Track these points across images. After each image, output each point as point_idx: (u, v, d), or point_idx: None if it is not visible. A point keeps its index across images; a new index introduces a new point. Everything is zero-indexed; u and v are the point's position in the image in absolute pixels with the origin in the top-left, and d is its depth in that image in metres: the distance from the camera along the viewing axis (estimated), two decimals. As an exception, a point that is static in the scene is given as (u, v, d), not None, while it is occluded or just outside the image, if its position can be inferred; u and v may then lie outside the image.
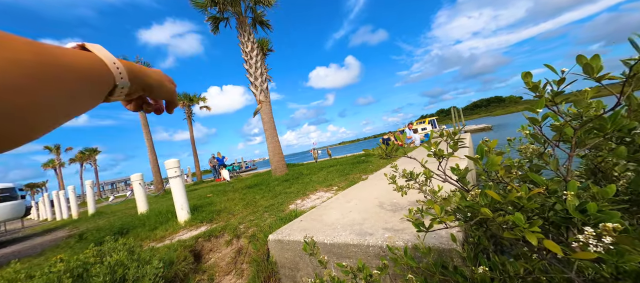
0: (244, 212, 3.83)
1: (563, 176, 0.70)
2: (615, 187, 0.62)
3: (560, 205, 0.68)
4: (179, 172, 3.81)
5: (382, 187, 3.43)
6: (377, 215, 2.31)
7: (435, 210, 0.79)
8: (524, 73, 0.67)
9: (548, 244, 0.56)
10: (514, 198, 0.63)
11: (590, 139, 0.67)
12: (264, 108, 8.10)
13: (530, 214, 0.70)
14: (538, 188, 0.67)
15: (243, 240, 2.95)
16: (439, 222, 0.77)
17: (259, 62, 8.26)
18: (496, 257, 0.94)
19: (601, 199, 0.64)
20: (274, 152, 8.12)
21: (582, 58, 0.58)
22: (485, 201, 0.73)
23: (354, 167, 6.49)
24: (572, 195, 0.62)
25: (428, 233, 1.62)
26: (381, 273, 1.17)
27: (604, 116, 0.62)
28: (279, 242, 2.26)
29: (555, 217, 0.71)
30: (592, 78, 0.58)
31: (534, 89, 0.68)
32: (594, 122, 0.64)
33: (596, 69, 0.58)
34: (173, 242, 3.05)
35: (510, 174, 0.77)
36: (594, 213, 0.60)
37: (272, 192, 5.09)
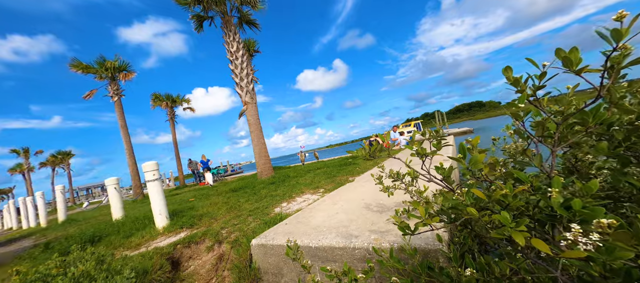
0: (227, 217, 3.69)
1: (547, 172, 0.69)
2: (598, 182, 0.61)
3: (545, 202, 0.66)
4: (157, 175, 3.61)
5: (369, 188, 3.41)
6: (363, 216, 2.28)
7: (419, 212, 0.75)
8: (504, 68, 0.66)
9: (536, 243, 0.54)
10: (500, 197, 0.60)
11: (572, 133, 0.66)
12: (249, 109, 7.93)
13: (515, 212, 0.68)
14: (523, 185, 0.65)
15: (225, 246, 2.82)
16: (424, 224, 0.74)
17: (245, 63, 8.10)
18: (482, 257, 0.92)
19: (585, 195, 0.63)
20: (260, 155, 7.96)
21: (561, 51, 0.56)
22: (471, 200, 0.71)
23: (341, 169, 6.47)
24: (556, 192, 0.60)
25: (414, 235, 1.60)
26: (366, 276, 1.12)
27: (586, 110, 0.61)
28: (262, 247, 2.17)
29: (540, 214, 0.69)
30: (572, 71, 0.56)
31: (516, 84, 0.66)
32: (576, 116, 0.63)
33: (575, 62, 0.56)
34: (149, 249, 2.87)
35: (494, 172, 0.75)
36: (579, 209, 0.58)
37: (257, 195, 4.96)
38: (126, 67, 11.72)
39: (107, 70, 11.13)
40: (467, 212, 0.64)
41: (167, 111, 16.54)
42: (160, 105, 16.31)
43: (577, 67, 0.60)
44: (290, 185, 5.34)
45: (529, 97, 0.67)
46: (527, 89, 0.71)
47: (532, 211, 0.70)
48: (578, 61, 0.59)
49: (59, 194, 7.49)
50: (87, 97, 12.02)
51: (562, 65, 0.61)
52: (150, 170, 3.55)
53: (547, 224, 0.68)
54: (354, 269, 1.51)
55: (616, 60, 0.58)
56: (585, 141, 0.83)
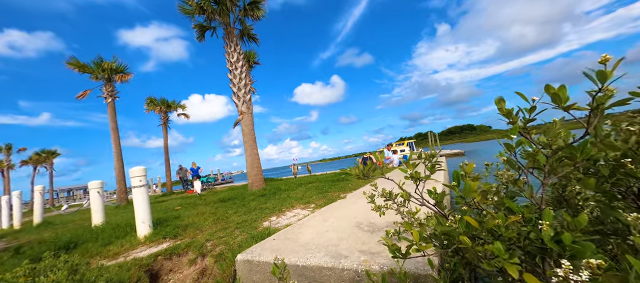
0: (214, 228, 3.57)
1: (537, 204, 0.69)
2: (586, 217, 0.62)
3: (536, 234, 0.66)
4: (144, 182, 3.50)
5: (361, 206, 3.38)
6: (354, 235, 2.23)
7: (413, 236, 0.74)
8: (497, 98, 0.68)
9: (528, 278, 0.53)
10: (492, 226, 0.60)
11: (561, 167, 0.67)
12: (245, 119, 7.91)
13: (507, 243, 0.68)
14: (514, 216, 0.65)
15: (209, 260, 2.71)
16: (417, 249, 0.73)
17: (244, 74, 8.17)
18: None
19: (575, 229, 0.63)
20: (252, 166, 7.86)
21: (550, 88, 0.58)
22: (464, 228, 0.70)
23: (333, 184, 6.42)
24: (547, 225, 0.60)
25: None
26: (354, 301, 1.09)
27: (574, 145, 0.63)
28: (247, 263, 2.09)
29: (531, 246, 0.69)
30: (561, 107, 0.58)
31: (508, 115, 0.68)
32: (564, 150, 0.64)
33: (564, 99, 0.58)
34: (127, 259, 2.73)
35: (486, 200, 0.75)
36: (570, 244, 0.58)
37: (246, 207, 4.84)
38: (123, 69, 11.65)
39: (104, 71, 11.03)
40: (460, 240, 0.64)
41: (161, 116, 16.34)
42: (154, 109, 16.13)
43: (565, 103, 0.62)
44: (280, 199, 5.25)
45: (520, 129, 0.69)
46: (518, 121, 0.73)
47: (523, 242, 0.70)
48: (566, 98, 0.62)
49: (38, 195, 7.15)
50: (81, 97, 11.80)
51: (551, 100, 0.63)
52: (137, 176, 3.44)
53: (538, 256, 0.67)
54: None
55: (601, 101, 0.60)
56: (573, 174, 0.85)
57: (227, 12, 8.18)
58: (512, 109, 0.74)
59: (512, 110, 0.74)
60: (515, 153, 0.72)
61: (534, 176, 0.75)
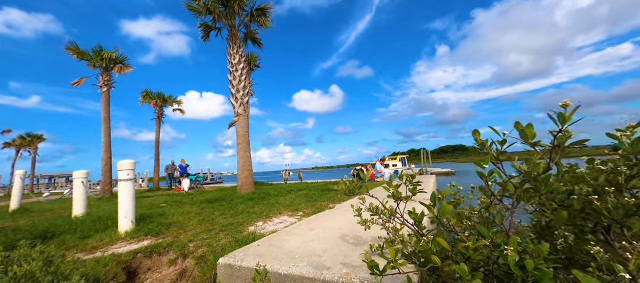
0: (198, 229, 3.52)
1: (505, 230, 0.74)
2: (548, 246, 0.67)
3: (503, 260, 0.71)
4: (131, 176, 3.45)
5: (348, 218, 3.39)
6: (338, 247, 2.25)
7: (390, 253, 0.77)
8: (473, 131, 0.73)
9: (488, 299, 0.57)
10: (461, 248, 0.64)
11: (528, 196, 0.72)
12: (241, 121, 7.90)
13: (475, 265, 0.72)
14: (484, 240, 0.69)
15: (190, 261, 2.66)
16: (393, 267, 0.76)
17: (244, 76, 8.21)
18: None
19: (538, 257, 0.68)
20: (243, 168, 7.81)
21: (519, 125, 0.64)
22: (437, 248, 0.74)
23: (322, 194, 6.42)
24: (511, 251, 0.64)
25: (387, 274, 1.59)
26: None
27: (538, 178, 0.68)
28: (229, 267, 2.07)
29: (498, 270, 0.73)
30: (527, 143, 0.64)
31: (482, 146, 0.73)
32: (531, 182, 0.69)
33: (530, 136, 0.64)
34: (105, 254, 2.66)
35: (460, 224, 0.79)
36: (531, 270, 0.63)
37: (233, 209, 4.79)
38: (123, 60, 11.55)
39: (103, 60, 10.91)
40: (432, 259, 0.67)
41: (156, 109, 16.14)
42: (149, 102, 15.93)
43: (532, 140, 0.67)
44: (269, 204, 5.21)
45: (492, 158, 0.74)
46: (491, 152, 0.78)
47: (492, 266, 0.74)
48: (532, 136, 0.67)
49: (18, 179, 6.91)
50: (76, 84, 11.59)
51: (519, 136, 0.69)
52: (125, 169, 3.39)
53: (504, 280, 0.71)
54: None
55: (561, 140, 0.66)
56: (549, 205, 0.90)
57: (234, 14, 8.29)
58: (487, 141, 0.80)
59: (487, 141, 0.79)
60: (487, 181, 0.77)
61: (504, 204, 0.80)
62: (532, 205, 0.92)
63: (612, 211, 0.67)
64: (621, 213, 0.67)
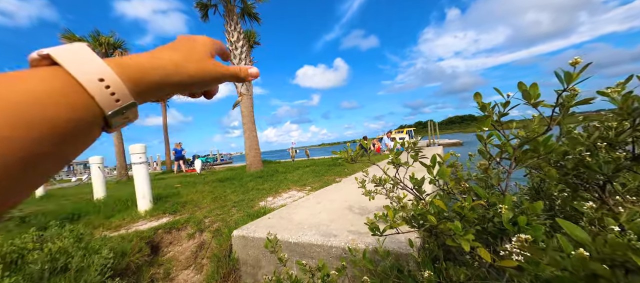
0: (212, 206, 3.70)
1: (501, 190, 0.76)
2: (542, 204, 0.69)
3: (497, 217, 0.74)
4: (143, 159, 3.59)
5: (354, 190, 3.49)
6: (344, 217, 2.35)
7: (389, 215, 0.82)
8: (475, 93, 0.73)
9: (481, 252, 0.61)
10: (457, 208, 0.68)
11: (526, 158, 0.74)
12: (244, 101, 7.90)
13: (471, 224, 0.76)
14: (479, 200, 0.72)
15: (206, 235, 2.85)
16: (391, 226, 0.81)
17: (244, 54, 8.05)
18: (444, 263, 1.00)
19: (531, 214, 0.71)
20: (250, 147, 7.95)
21: (522, 85, 0.63)
22: (434, 209, 0.78)
23: (329, 169, 6.55)
24: (506, 209, 0.68)
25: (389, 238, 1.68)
26: (338, 274, 1.19)
27: (538, 139, 0.69)
28: (243, 239, 2.21)
29: (493, 228, 0.77)
30: (530, 103, 0.64)
31: (483, 109, 0.73)
32: (530, 143, 0.70)
33: (534, 96, 0.64)
34: (129, 232, 2.86)
35: (459, 186, 0.82)
36: (523, 226, 0.66)
37: (243, 187, 4.97)
38: (121, 44, 11.43)
39: (101, 45, 10.82)
40: (428, 219, 0.71)
41: (160, 94, 16.22)
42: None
43: (535, 100, 0.67)
44: (277, 181, 5.38)
45: (493, 122, 0.75)
46: (493, 114, 0.78)
47: (487, 224, 0.78)
48: (536, 96, 0.67)
49: (39, 168, 7.27)
50: (77, 70, 11.64)
51: (522, 97, 0.69)
52: (136, 153, 3.52)
53: (498, 237, 0.75)
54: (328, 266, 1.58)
55: (568, 100, 0.66)
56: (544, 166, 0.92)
57: (228, -12, 7.94)
58: (489, 103, 0.80)
59: (489, 104, 0.79)
60: (485, 144, 0.78)
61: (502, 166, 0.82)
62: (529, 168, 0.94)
63: (603, 166, 0.69)
64: (612, 168, 0.69)
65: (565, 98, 0.67)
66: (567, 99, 0.67)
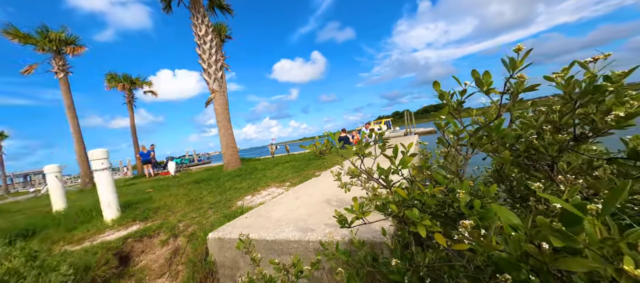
0: (187, 209, 3.54)
1: (459, 176, 0.79)
2: (496, 187, 0.73)
3: (457, 202, 0.77)
4: (106, 165, 3.32)
5: (332, 184, 3.52)
6: (322, 211, 2.35)
7: (354, 206, 0.82)
8: (434, 82, 0.74)
9: (437, 237, 0.63)
10: (417, 195, 0.69)
11: (482, 144, 0.77)
12: (217, 98, 7.59)
13: (432, 210, 0.78)
14: (439, 186, 0.74)
15: (181, 240, 2.72)
16: (357, 217, 0.81)
17: (214, 48, 7.69)
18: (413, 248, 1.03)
19: (486, 197, 0.74)
20: (227, 146, 7.69)
21: (475, 73, 0.65)
22: (397, 198, 0.79)
23: (309, 163, 6.54)
24: (463, 194, 0.70)
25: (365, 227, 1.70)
26: (312, 268, 1.18)
27: (491, 125, 0.72)
28: (219, 240, 2.14)
29: (453, 212, 0.80)
30: (482, 91, 0.66)
31: (441, 97, 0.75)
32: (484, 129, 0.73)
33: (486, 83, 0.65)
34: (94, 244, 2.66)
35: (421, 174, 0.84)
36: (478, 209, 0.69)
37: (221, 187, 4.82)
38: (74, 40, 10.40)
39: (51, 42, 9.76)
40: (391, 207, 0.72)
41: (125, 93, 15.09)
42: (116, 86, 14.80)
43: (487, 87, 0.69)
44: (256, 178, 5.27)
45: (452, 109, 0.77)
46: (451, 102, 0.80)
47: (448, 210, 0.81)
48: (488, 83, 0.69)
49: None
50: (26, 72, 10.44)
51: (475, 84, 0.71)
52: (98, 158, 3.25)
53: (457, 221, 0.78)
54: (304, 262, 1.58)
55: (516, 87, 0.69)
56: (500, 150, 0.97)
57: (193, -22, 7.47)
58: (447, 92, 0.81)
59: (447, 93, 0.81)
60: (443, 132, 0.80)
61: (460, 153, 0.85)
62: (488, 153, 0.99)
63: (548, 147, 0.73)
64: (556, 149, 0.73)
65: (514, 85, 0.70)
66: (515, 85, 0.70)
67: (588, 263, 0.35)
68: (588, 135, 0.74)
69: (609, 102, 0.68)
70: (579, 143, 0.77)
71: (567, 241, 0.37)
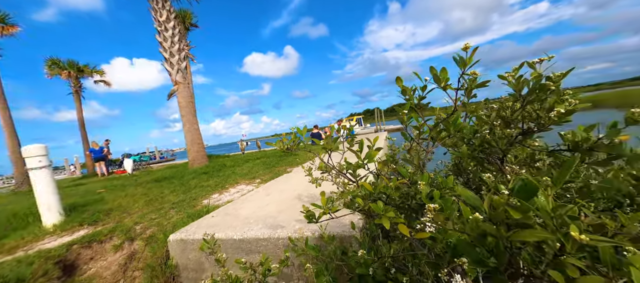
0: (145, 210, 3.26)
1: (421, 168, 0.83)
2: (453, 178, 0.77)
3: (418, 194, 0.80)
4: (45, 162, 2.91)
5: (303, 179, 3.50)
6: (293, 207, 2.33)
7: (321, 202, 0.81)
8: (397, 78, 0.75)
9: (401, 228, 0.65)
10: (382, 188, 0.70)
11: (440, 138, 0.80)
12: (181, 90, 7.08)
13: (397, 202, 0.80)
14: (402, 179, 0.77)
15: (138, 243, 2.50)
16: (325, 212, 0.80)
17: (178, 37, 7.14)
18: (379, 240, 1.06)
19: (444, 188, 0.78)
20: (192, 141, 7.24)
21: (433, 69, 0.67)
22: (364, 192, 0.80)
23: (281, 159, 6.45)
24: (423, 185, 0.73)
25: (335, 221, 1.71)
26: (280, 266, 1.16)
27: (449, 120, 0.76)
28: (181, 242, 2.00)
29: (415, 204, 0.83)
30: (440, 87, 0.68)
31: (404, 92, 0.77)
32: (443, 123, 0.77)
33: (443, 80, 0.68)
34: (30, 253, 2.32)
35: (386, 167, 0.86)
36: (437, 199, 0.72)
37: (185, 186, 4.53)
38: (4, 18, 8.90)
39: (-29, 18, 8.23)
40: (357, 201, 0.72)
41: (71, 82, 13.36)
42: (59, 74, 13.03)
43: (444, 83, 0.72)
44: (224, 176, 5.05)
45: (413, 105, 0.79)
46: (413, 97, 0.83)
47: (411, 201, 0.84)
48: (445, 79, 0.72)
49: None
50: None
51: (433, 80, 0.73)
52: (33, 156, 2.83)
53: (419, 212, 0.82)
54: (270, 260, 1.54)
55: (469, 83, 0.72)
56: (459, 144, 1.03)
57: (153, -42, 6.82)
58: (410, 88, 0.84)
59: (410, 88, 0.84)
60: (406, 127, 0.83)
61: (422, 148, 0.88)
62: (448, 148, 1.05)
63: (498, 141, 0.80)
64: (505, 143, 0.80)
65: (468, 82, 0.75)
66: (469, 82, 0.75)
67: (540, 233, 0.39)
68: (534, 130, 0.81)
69: (551, 100, 0.75)
70: (526, 137, 0.85)
71: (524, 212, 0.40)
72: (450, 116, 0.76)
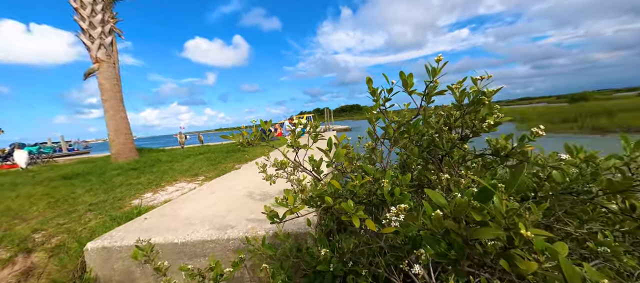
0: (48, 214, 2.62)
1: (383, 167, 0.88)
2: (410, 176, 0.84)
3: (380, 190, 0.85)
4: None
5: (254, 176, 3.35)
6: (244, 206, 2.20)
7: (289, 200, 0.78)
8: (367, 78, 0.78)
9: (368, 223, 0.67)
10: (350, 187, 0.71)
11: (402, 138, 0.87)
12: (104, 70, 5.92)
13: (361, 199, 0.83)
14: (367, 177, 0.80)
15: (39, 255, 2.00)
16: (291, 212, 0.78)
17: (100, 5, 5.93)
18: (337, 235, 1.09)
19: (402, 185, 0.85)
20: (117, 132, 6.14)
21: (402, 75, 0.72)
22: (331, 189, 0.81)
23: (227, 155, 6.04)
24: (386, 182, 0.77)
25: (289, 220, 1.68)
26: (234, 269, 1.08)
27: (410, 123, 0.82)
28: (103, 250, 1.67)
29: (377, 199, 0.88)
30: (406, 91, 0.73)
31: (373, 93, 0.80)
32: (405, 126, 0.83)
33: (410, 85, 0.73)
34: None
35: (351, 165, 0.88)
36: (398, 196, 0.78)
37: (106, 184, 3.82)
38: None
39: None
40: (326, 200, 0.72)
41: None
42: None
43: (410, 88, 0.78)
44: (160, 172, 4.46)
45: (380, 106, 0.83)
46: (380, 100, 0.87)
47: (373, 197, 0.88)
48: (411, 84, 0.78)
49: None
50: None
51: (401, 84, 0.78)
52: None
53: (381, 207, 0.87)
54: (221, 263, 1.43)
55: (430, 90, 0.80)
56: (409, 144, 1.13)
57: None
58: (377, 89, 0.88)
59: (377, 89, 0.88)
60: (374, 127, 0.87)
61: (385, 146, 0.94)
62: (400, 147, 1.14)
63: (444, 144, 0.91)
64: (449, 146, 0.92)
65: (429, 88, 0.83)
66: (430, 89, 0.83)
67: (494, 231, 0.45)
68: (469, 136, 0.95)
69: (483, 112, 0.89)
70: (463, 142, 0.99)
71: (483, 214, 0.46)
72: (415, 118, 0.83)
